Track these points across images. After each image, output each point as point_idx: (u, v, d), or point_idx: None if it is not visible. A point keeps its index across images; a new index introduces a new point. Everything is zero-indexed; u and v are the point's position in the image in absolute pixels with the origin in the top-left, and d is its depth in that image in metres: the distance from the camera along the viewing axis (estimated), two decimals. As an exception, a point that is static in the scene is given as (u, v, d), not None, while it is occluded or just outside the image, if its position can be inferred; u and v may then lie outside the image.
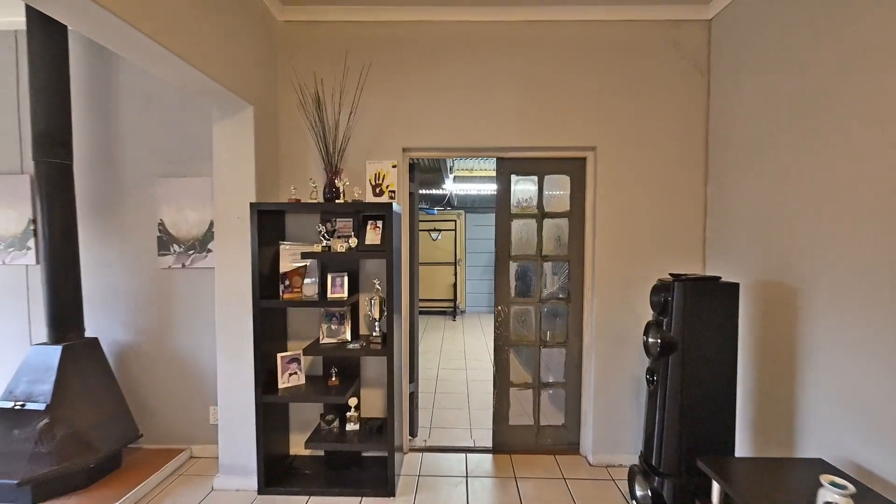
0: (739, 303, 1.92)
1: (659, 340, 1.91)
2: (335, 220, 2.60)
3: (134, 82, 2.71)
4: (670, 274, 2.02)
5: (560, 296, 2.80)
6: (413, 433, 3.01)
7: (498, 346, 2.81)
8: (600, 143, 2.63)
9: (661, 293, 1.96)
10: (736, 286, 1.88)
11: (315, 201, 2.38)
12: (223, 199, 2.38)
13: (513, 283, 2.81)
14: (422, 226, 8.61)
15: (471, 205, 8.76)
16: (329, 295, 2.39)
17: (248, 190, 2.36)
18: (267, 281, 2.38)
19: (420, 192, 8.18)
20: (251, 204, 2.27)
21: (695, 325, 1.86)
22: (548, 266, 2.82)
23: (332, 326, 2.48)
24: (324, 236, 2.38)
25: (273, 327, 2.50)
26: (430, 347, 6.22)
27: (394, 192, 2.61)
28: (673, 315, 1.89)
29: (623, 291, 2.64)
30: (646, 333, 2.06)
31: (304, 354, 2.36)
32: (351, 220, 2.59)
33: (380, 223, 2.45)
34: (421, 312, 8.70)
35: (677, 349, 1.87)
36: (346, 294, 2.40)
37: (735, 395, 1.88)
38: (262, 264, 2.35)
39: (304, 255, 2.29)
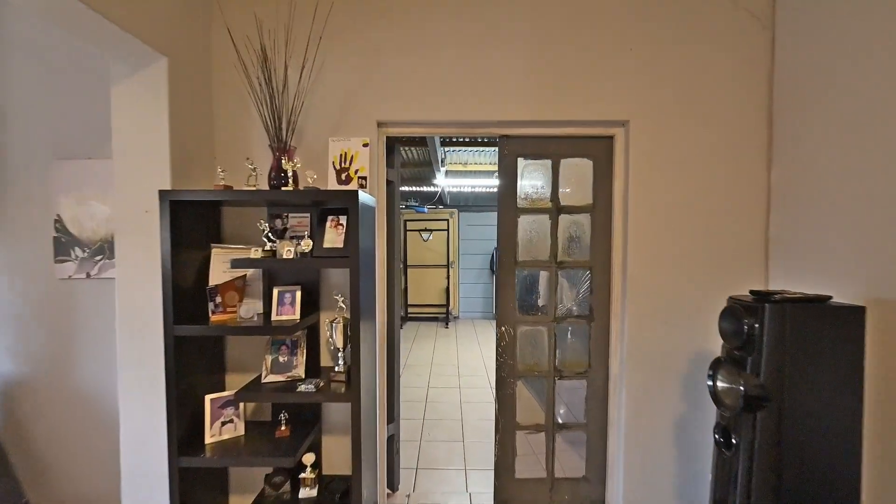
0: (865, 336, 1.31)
1: (742, 388, 1.30)
2: (286, 217, 1.97)
3: (21, 35, 2.06)
4: (751, 291, 1.42)
5: (580, 313, 2.20)
6: (393, 486, 2.38)
7: (501, 377, 2.19)
8: (633, 117, 2.03)
9: (740, 319, 1.36)
10: (860, 311, 1.28)
11: (253, 188, 1.74)
12: (126, 187, 1.73)
13: (519, 297, 2.20)
14: (412, 225, 7.99)
15: (464, 203, 8.17)
16: (274, 317, 1.76)
17: (160, 174, 1.72)
18: (190, 298, 1.75)
19: (410, 189, 7.59)
20: (161, 192, 1.63)
21: (799, 369, 1.26)
22: (564, 275, 2.21)
23: (281, 359, 1.85)
24: (268, 237, 1.75)
25: (202, 359, 1.86)
26: (419, 360, 5.60)
27: (365, 178, 1.99)
28: (764, 352, 1.29)
29: (662, 308, 2.04)
30: (713, 375, 1.46)
31: (236, 400, 1.72)
32: (308, 215, 1.97)
33: (343, 219, 1.82)
34: (411, 319, 8.08)
35: (771, 403, 1.27)
36: (297, 315, 1.78)
37: (860, 471, 1.28)
38: (184, 275, 1.72)
39: (235, 264, 1.66)
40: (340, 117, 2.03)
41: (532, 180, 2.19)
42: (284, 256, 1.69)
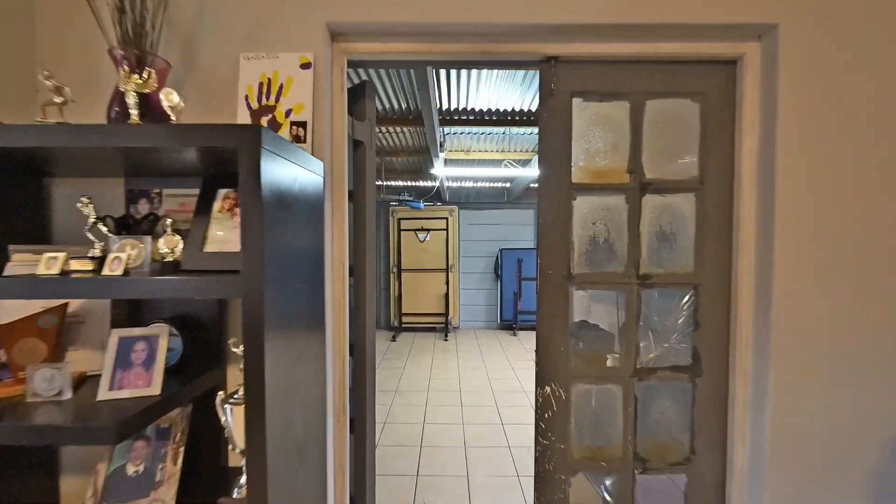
0: None
1: None
2: (157, 194, 1.07)
3: None
4: None
5: (676, 362, 1.30)
6: None
7: (545, 472, 1.29)
8: (785, 19, 1.14)
9: None
10: None
11: (43, 122, 0.84)
12: None
13: (575, 335, 1.30)
14: (406, 224, 7.11)
15: (465, 199, 7.30)
16: (106, 391, 0.86)
17: None
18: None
19: (404, 183, 6.69)
20: None
21: None
22: (650, 297, 1.31)
23: (131, 469, 0.95)
24: (97, 231, 0.86)
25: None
26: (413, 383, 4.70)
27: (304, 125, 1.09)
28: None
29: (839, 357, 1.15)
30: None
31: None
32: (197, 192, 1.08)
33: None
34: (405, 329, 7.20)
35: None
36: (157, 386, 0.88)
37: None
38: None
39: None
40: (261, 19, 1.13)
41: (596, 137, 1.30)
42: (107, 272, 0.79)
